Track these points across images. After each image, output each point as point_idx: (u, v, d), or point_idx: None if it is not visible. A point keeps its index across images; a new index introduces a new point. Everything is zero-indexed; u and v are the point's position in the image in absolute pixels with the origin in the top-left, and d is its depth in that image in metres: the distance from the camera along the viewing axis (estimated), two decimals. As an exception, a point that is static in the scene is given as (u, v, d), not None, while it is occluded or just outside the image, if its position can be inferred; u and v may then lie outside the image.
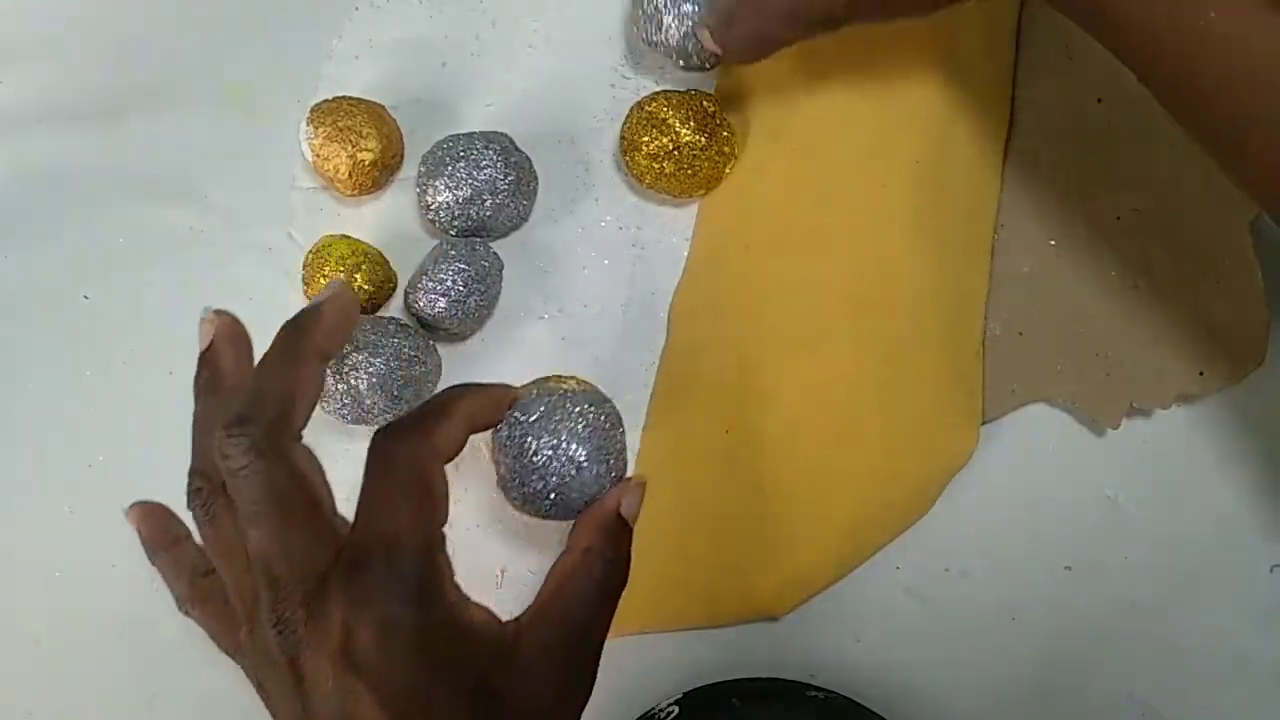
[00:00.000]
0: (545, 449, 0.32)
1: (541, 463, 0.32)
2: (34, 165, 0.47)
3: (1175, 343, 0.42)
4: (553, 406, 0.32)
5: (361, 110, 0.43)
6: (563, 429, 0.32)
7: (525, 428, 0.32)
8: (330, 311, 0.31)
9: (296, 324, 0.31)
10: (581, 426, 0.32)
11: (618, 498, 0.32)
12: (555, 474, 0.32)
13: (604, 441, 0.33)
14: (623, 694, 0.41)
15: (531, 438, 0.32)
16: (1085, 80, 0.44)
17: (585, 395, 0.33)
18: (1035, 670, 0.41)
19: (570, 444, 0.32)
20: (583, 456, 0.32)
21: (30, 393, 0.46)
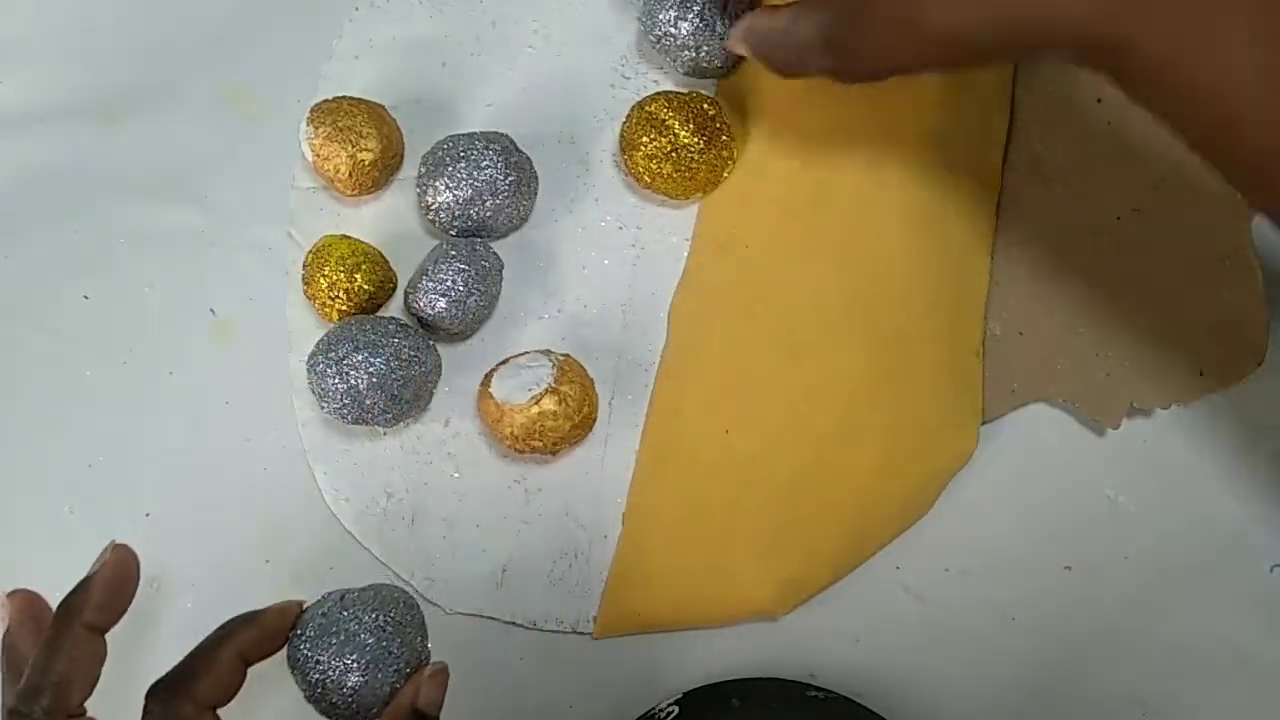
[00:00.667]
0: (320, 668, 0.32)
1: (322, 680, 0.32)
2: (34, 165, 0.47)
3: (1175, 343, 0.42)
4: (328, 621, 0.32)
5: (361, 110, 0.43)
6: (337, 643, 0.32)
7: (302, 648, 0.32)
8: (99, 585, 0.31)
9: (67, 604, 0.31)
10: (359, 635, 0.32)
11: (412, 692, 0.32)
12: (338, 689, 0.32)
13: (389, 642, 0.32)
14: (623, 694, 0.41)
15: (309, 657, 0.32)
16: (1085, 80, 0.44)
17: (363, 599, 0.33)
18: (1035, 670, 0.41)
19: (345, 658, 0.32)
20: (359, 669, 0.32)
21: (30, 393, 0.46)
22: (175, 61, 0.48)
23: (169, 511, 0.44)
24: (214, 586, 0.44)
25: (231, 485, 0.44)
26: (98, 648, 0.31)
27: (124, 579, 0.32)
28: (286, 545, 0.44)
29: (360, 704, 0.32)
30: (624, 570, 0.42)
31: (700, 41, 0.42)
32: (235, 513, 0.44)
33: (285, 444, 0.44)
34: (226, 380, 0.45)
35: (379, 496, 0.43)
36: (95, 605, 0.31)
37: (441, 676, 0.32)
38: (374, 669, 0.32)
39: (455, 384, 0.44)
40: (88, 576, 0.32)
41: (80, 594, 0.31)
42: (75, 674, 0.30)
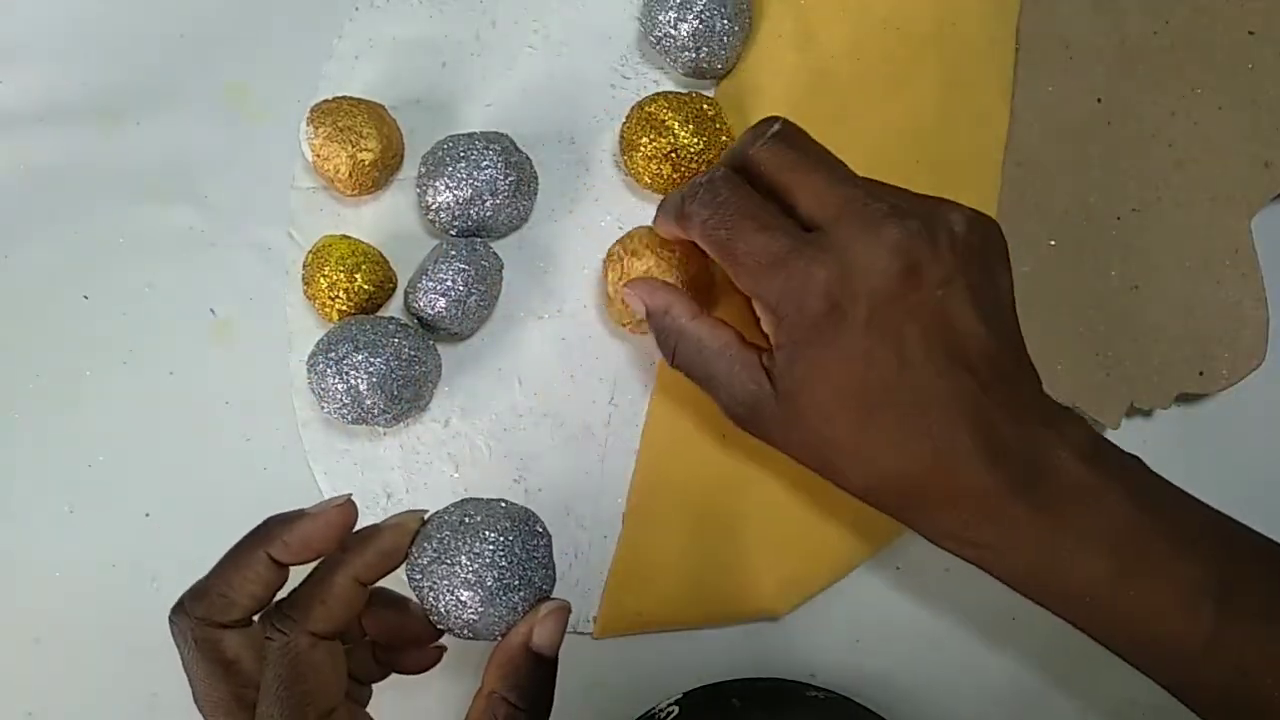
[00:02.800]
0: (434, 597, 0.31)
1: (436, 608, 0.31)
2: (34, 165, 0.47)
3: (1175, 343, 0.42)
4: (443, 550, 0.31)
5: (361, 110, 0.43)
6: (451, 576, 0.30)
7: (415, 575, 0.31)
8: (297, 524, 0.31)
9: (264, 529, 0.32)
10: (475, 569, 0.30)
11: (526, 630, 0.30)
12: (456, 617, 0.30)
13: (506, 578, 0.30)
14: (623, 694, 0.41)
15: (422, 585, 0.31)
16: (1085, 80, 0.44)
17: (483, 525, 0.31)
18: (1035, 670, 0.41)
19: (459, 592, 0.30)
20: (476, 600, 0.30)
21: (30, 393, 0.46)
22: (175, 61, 0.48)
23: (169, 511, 0.44)
24: (214, 586, 0.44)
25: (231, 485, 0.44)
26: (274, 575, 0.31)
27: (327, 532, 0.31)
28: (286, 545, 0.44)
29: (475, 634, 0.31)
30: (624, 570, 0.42)
31: (700, 42, 0.42)
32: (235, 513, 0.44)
33: (285, 444, 0.44)
34: (226, 380, 0.45)
35: (379, 497, 0.43)
36: (283, 540, 0.31)
37: (560, 615, 0.31)
38: (489, 605, 0.30)
39: (455, 384, 0.44)
40: (298, 511, 0.31)
41: (279, 524, 0.31)
42: (242, 594, 0.30)
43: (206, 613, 0.30)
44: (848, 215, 0.33)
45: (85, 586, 0.44)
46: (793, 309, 0.33)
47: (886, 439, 0.32)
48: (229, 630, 0.30)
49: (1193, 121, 0.43)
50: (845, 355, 0.32)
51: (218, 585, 0.30)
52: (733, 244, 0.34)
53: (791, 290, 0.32)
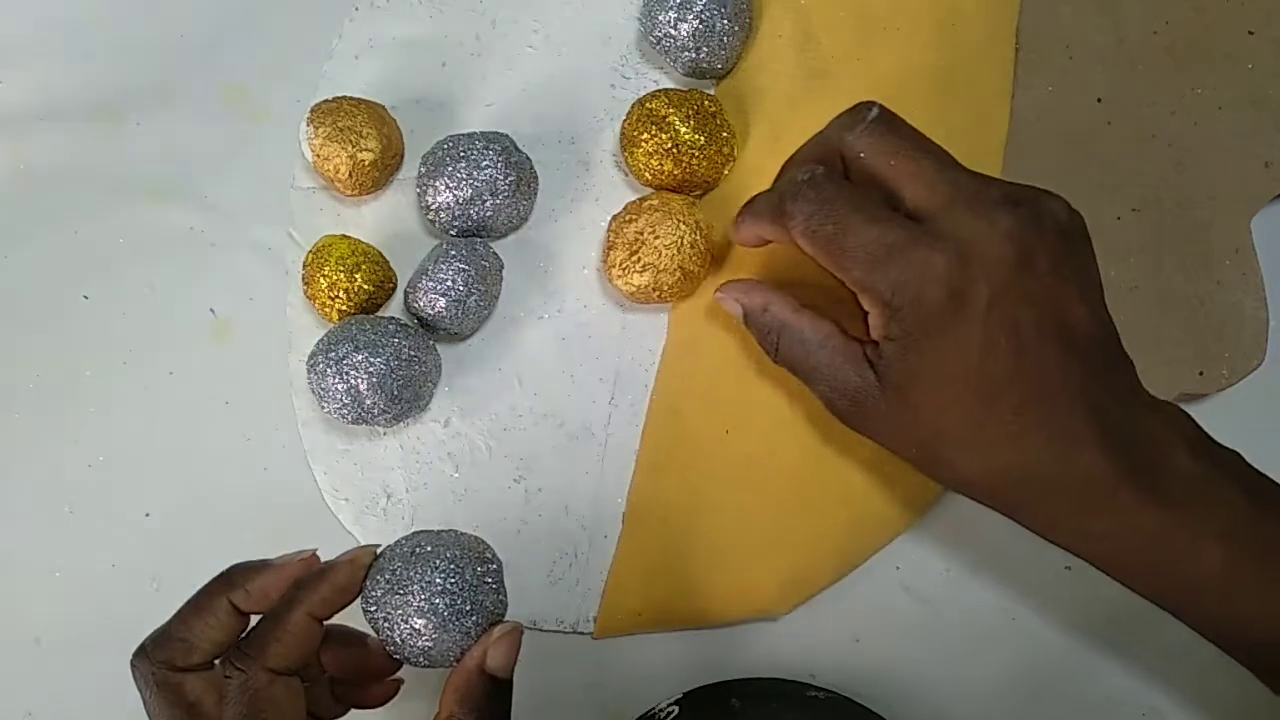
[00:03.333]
0: (389, 627, 0.31)
1: (391, 638, 0.31)
2: (34, 165, 0.47)
3: (1175, 343, 0.42)
4: (396, 581, 0.32)
5: (361, 110, 0.43)
6: (405, 605, 0.31)
7: (370, 607, 0.32)
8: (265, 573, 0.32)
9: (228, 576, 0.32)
10: (428, 597, 0.31)
11: (480, 654, 0.31)
12: (411, 645, 0.31)
13: (459, 602, 0.31)
14: (623, 694, 0.41)
15: (376, 616, 0.32)
16: (1085, 80, 0.44)
17: (434, 555, 0.32)
18: (1035, 670, 0.41)
19: (413, 620, 0.31)
20: (430, 627, 0.31)
21: (30, 393, 0.46)
22: (175, 61, 0.48)
23: (169, 511, 0.44)
24: (214, 586, 0.44)
25: (231, 485, 0.44)
26: (235, 621, 0.31)
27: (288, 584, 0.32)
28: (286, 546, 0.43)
29: (431, 661, 0.32)
30: (624, 570, 0.42)
31: (700, 42, 0.42)
32: (235, 513, 0.44)
33: (285, 444, 0.44)
34: (226, 380, 0.45)
35: (379, 496, 0.43)
36: (245, 589, 0.32)
37: (512, 637, 0.32)
38: (443, 631, 0.31)
39: (455, 384, 0.44)
40: (262, 561, 0.32)
41: (242, 573, 0.32)
42: (203, 639, 0.31)
43: (168, 657, 0.31)
44: (960, 202, 0.32)
45: (85, 586, 0.44)
46: (909, 299, 0.32)
47: (1004, 429, 0.32)
48: (190, 674, 0.31)
49: (1193, 121, 0.43)
50: (963, 344, 0.32)
51: (179, 630, 0.31)
52: (842, 238, 0.33)
53: (908, 280, 0.32)
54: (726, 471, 0.42)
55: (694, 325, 0.43)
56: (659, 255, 0.41)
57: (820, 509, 0.41)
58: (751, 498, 0.42)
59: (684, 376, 0.43)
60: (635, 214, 0.42)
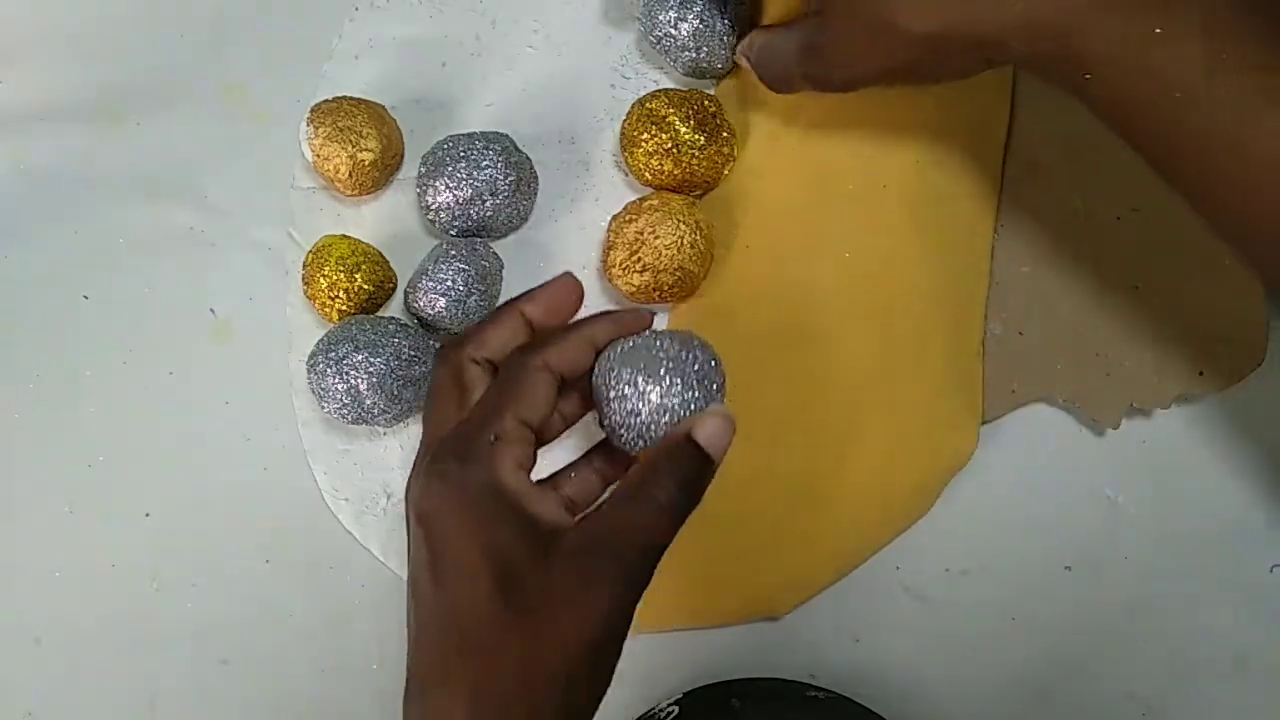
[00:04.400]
0: (620, 386, 0.33)
1: (618, 403, 0.33)
2: (34, 165, 0.47)
3: (1175, 343, 0.42)
4: (637, 347, 0.34)
5: (361, 110, 0.43)
6: (639, 368, 0.33)
7: (606, 367, 0.34)
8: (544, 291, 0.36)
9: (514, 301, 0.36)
10: (659, 367, 0.33)
11: (692, 423, 0.32)
12: (630, 407, 0.33)
13: (686, 380, 0.33)
14: (623, 694, 0.41)
15: (610, 378, 0.34)
16: (1085, 80, 0.44)
17: (669, 336, 0.34)
18: (1035, 670, 0.41)
19: (645, 383, 0.33)
20: (655, 395, 0.33)
21: (30, 393, 0.46)
22: (175, 61, 0.48)
23: (169, 511, 0.44)
24: (214, 586, 0.44)
25: (231, 485, 0.44)
26: (522, 330, 0.36)
27: (569, 295, 0.36)
28: (286, 545, 0.44)
29: (648, 426, 0.33)
30: (624, 570, 0.42)
31: (700, 42, 0.42)
32: (235, 513, 0.44)
33: (285, 444, 0.44)
34: (226, 380, 0.45)
35: (379, 496, 0.43)
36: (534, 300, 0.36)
37: (726, 419, 0.33)
38: (668, 398, 0.33)
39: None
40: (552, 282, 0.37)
41: (540, 290, 0.36)
42: (494, 339, 0.35)
43: (463, 345, 0.35)
44: None
45: (85, 586, 0.44)
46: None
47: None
48: (475, 365, 0.35)
49: (1193, 121, 0.43)
50: None
51: (478, 331, 0.35)
52: None
53: None
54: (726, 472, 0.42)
55: (693, 326, 0.43)
56: (659, 255, 0.41)
57: (820, 509, 0.41)
58: (752, 498, 0.41)
59: None
60: (635, 214, 0.42)
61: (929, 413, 0.41)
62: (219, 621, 0.43)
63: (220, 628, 0.43)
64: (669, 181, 0.43)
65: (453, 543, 0.31)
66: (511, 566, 0.30)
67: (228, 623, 0.44)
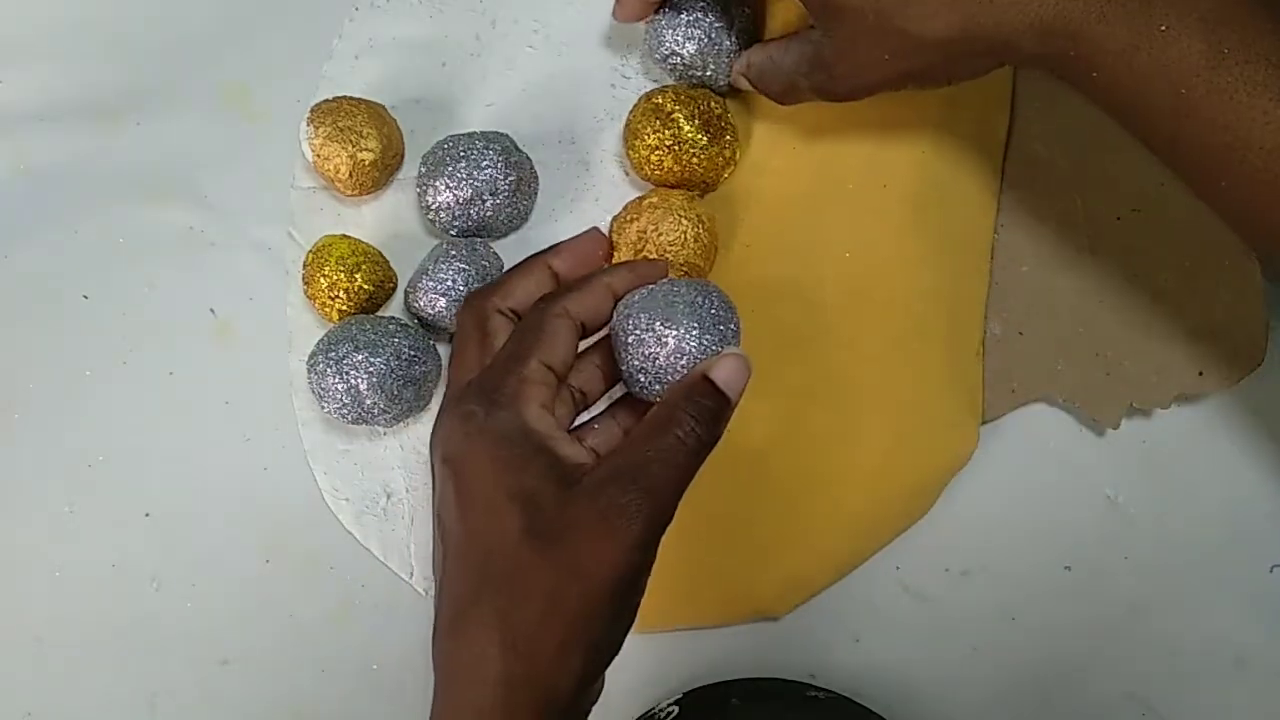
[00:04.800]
0: (639, 330, 0.34)
1: (637, 340, 0.34)
2: (34, 165, 0.47)
3: (1175, 343, 0.42)
4: (660, 291, 0.35)
5: (361, 110, 0.43)
6: (656, 314, 0.34)
7: (624, 314, 0.35)
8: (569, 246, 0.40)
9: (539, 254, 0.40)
10: (675, 312, 0.34)
11: (710, 364, 0.33)
12: (645, 355, 0.34)
13: (703, 325, 0.34)
14: (623, 694, 0.41)
15: (629, 324, 0.34)
16: (1085, 80, 0.44)
17: (687, 284, 0.35)
18: (1035, 670, 0.41)
19: (663, 328, 0.34)
20: (673, 339, 0.34)
21: (30, 393, 0.46)
22: (175, 61, 0.48)
23: (169, 511, 0.44)
24: (214, 586, 0.44)
25: (231, 485, 0.44)
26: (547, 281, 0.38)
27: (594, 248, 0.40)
28: (286, 545, 0.44)
29: (664, 376, 0.34)
30: (624, 570, 0.42)
31: (706, 61, 0.42)
32: (235, 513, 0.44)
33: (285, 444, 0.44)
34: (226, 380, 0.45)
35: (379, 496, 0.43)
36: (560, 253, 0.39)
37: (741, 360, 0.33)
38: (686, 341, 0.34)
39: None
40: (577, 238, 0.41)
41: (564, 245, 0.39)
42: (519, 289, 0.37)
43: (489, 295, 0.37)
44: None
45: (85, 586, 0.44)
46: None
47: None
48: (500, 315, 0.36)
49: (1193, 121, 0.43)
50: None
51: (503, 281, 0.37)
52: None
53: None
54: (726, 471, 0.42)
55: None
56: (663, 252, 0.41)
57: (820, 509, 0.41)
58: (751, 498, 0.42)
59: None
60: (636, 213, 0.42)
61: (929, 413, 0.41)
62: (219, 621, 0.43)
63: (220, 628, 0.43)
64: (668, 178, 0.43)
65: (480, 482, 0.32)
66: (538, 503, 0.31)
67: (228, 623, 0.44)
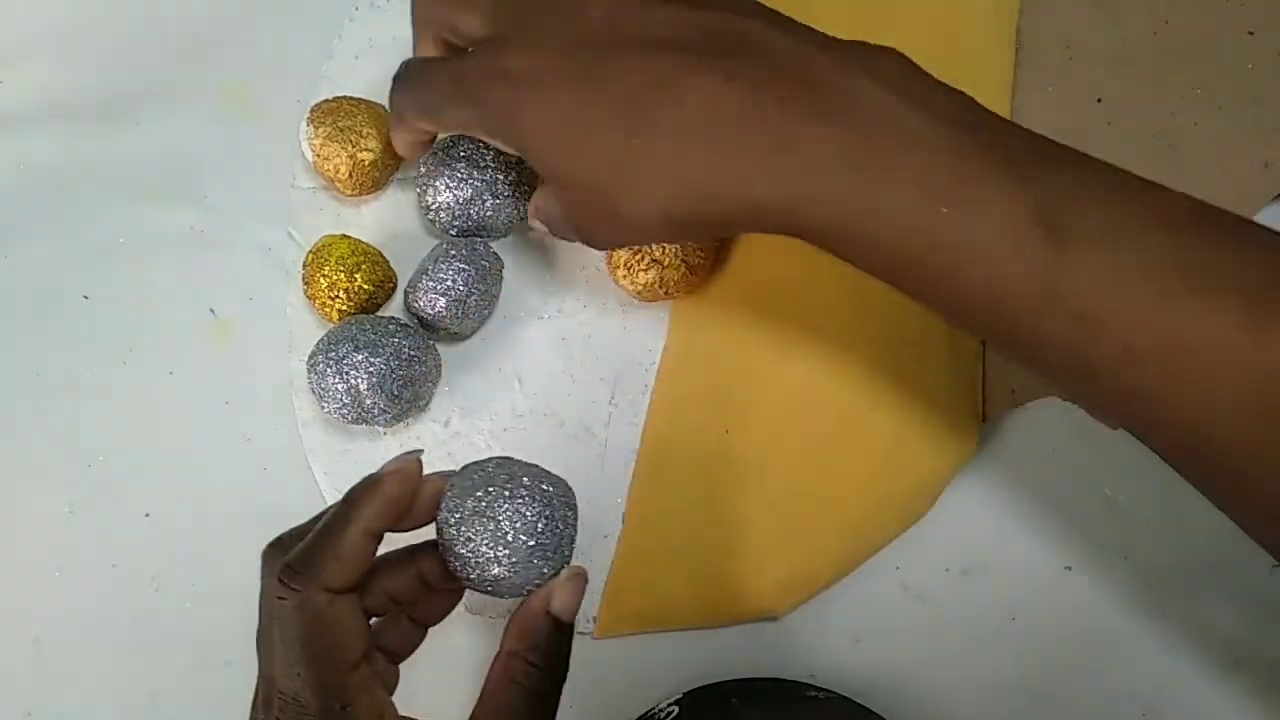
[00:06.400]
0: (469, 548, 0.31)
1: (473, 560, 0.31)
2: (34, 165, 0.47)
3: (1175, 343, 0.42)
4: (485, 506, 0.31)
5: (361, 110, 0.43)
6: (490, 533, 0.31)
7: (449, 527, 0.31)
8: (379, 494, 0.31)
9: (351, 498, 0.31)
10: (515, 533, 0.31)
11: (546, 595, 0.31)
12: (485, 571, 0.31)
13: (545, 536, 0.31)
14: (623, 694, 0.41)
15: (456, 536, 0.31)
16: (1085, 80, 0.44)
17: (528, 494, 0.31)
18: (1035, 670, 0.41)
19: (496, 549, 0.31)
20: (511, 559, 0.31)
21: (30, 393, 0.46)
22: (175, 61, 0.48)
23: (169, 511, 0.44)
24: (214, 586, 0.44)
25: (231, 485, 0.44)
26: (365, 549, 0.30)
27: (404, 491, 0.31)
28: (286, 545, 0.44)
29: (498, 592, 0.31)
30: (624, 570, 0.42)
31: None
32: (235, 513, 0.44)
33: (285, 444, 0.44)
34: (226, 380, 0.45)
35: (379, 496, 0.43)
36: (375, 513, 0.30)
37: (579, 582, 0.31)
38: (523, 566, 0.31)
39: (455, 384, 0.44)
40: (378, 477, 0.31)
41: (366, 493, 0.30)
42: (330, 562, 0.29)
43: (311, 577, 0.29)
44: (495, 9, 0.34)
45: (85, 586, 0.44)
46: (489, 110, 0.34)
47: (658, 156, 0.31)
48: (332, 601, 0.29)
49: (1193, 121, 0.43)
50: (564, 114, 0.32)
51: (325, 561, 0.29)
52: (428, 96, 0.36)
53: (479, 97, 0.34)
54: (726, 471, 0.42)
55: (694, 325, 0.43)
56: (664, 251, 0.41)
57: (820, 509, 0.41)
58: (751, 497, 0.42)
59: (684, 376, 0.43)
60: None
61: (929, 413, 0.41)
62: (219, 621, 0.43)
63: (220, 628, 0.43)
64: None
65: None
66: None
67: (228, 623, 0.43)
